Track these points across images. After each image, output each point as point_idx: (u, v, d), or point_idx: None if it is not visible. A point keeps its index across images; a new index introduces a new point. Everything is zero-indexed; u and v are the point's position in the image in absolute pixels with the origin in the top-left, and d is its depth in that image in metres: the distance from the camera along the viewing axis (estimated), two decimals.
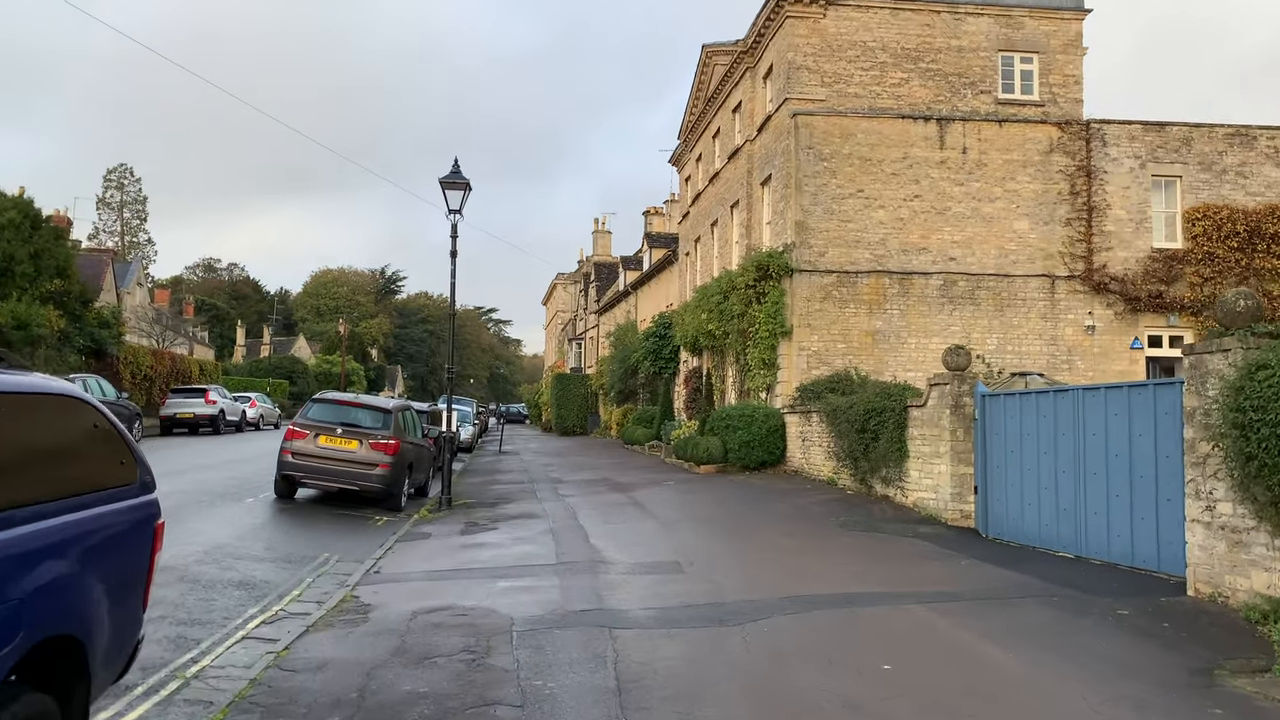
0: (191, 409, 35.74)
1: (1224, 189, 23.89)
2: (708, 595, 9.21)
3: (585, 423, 51.48)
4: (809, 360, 22.78)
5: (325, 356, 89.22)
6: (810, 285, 22.87)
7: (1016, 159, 23.63)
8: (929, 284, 23.24)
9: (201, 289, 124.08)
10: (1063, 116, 23.92)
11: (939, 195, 23.37)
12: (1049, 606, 8.94)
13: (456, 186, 17.03)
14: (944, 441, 14.62)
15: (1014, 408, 13.50)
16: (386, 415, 16.75)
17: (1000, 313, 23.38)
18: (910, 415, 15.77)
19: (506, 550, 12.22)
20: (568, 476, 23.03)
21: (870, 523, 14.22)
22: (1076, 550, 12.03)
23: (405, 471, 17.00)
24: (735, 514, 15.49)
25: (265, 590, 9.71)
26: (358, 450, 16.19)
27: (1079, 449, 12.07)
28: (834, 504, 16.16)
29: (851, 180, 23.16)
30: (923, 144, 23.43)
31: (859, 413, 16.97)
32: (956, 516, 14.33)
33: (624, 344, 42.12)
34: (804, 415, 21.05)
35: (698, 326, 27.70)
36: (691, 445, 23.44)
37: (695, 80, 32.25)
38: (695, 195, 33.58)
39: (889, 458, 16.22)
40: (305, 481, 16.42)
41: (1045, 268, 23.55)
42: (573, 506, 16.54)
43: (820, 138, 23.13)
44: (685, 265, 35.62)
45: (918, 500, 15.43)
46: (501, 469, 26.45)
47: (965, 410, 14.44)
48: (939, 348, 22.73)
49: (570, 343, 67.02)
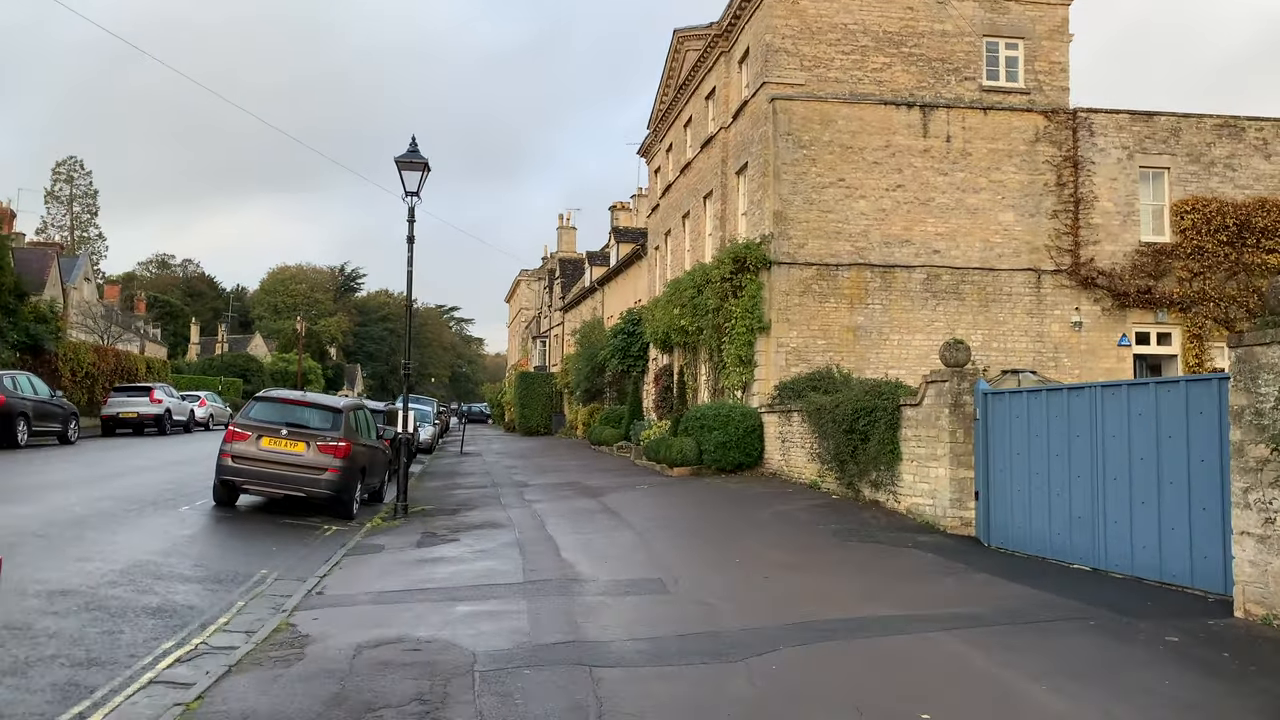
0: (135, 408, 33.95)
1: (1212, 181, 23.17)
2: (701, 622, 8.02)
3: (550, 422, 50.13)
4: (787, 357, 21.70)
5: (281, 354, 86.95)
6: (789, 278, 21.79)
7: (1002, 148, 22.73)
8: (912, 278, 22.26)
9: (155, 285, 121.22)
10: (1049, 105, 23.05)
11: (922, 185, 22.40)
12: (1088, 632, 7.86)
13: (414, 167, 15.71)
14: (942, 443, 13.57)
15: (1020, 407, 12.47)
16: (336, 415, 15.39)
17: (985, 308, 22.46)
18: (904, 415, 14.71)
19: (468, 566, 10.94)
20: (533, 480, 21.75)
21: (864, 531, 13.12)
22: (1093, 562, 11.02)
23: (357, 476, 15.64)
24: (717, 521, 14.32)
25: (186, 618, 8.36)
26: (304, 453, 14.81)
27: (1096, 452, 11.05)
28: (821, 510, 15.06)
29: (832, 169, 22.12)
30: (905, 132, 22.45)
31: (847, 412, 15.89)
32: (956, 524, 13.28)
33: (590, 341, 40.87)
34: (784, 415, 19.95)
35: (669, 322, 26.54)
36: (664, 446, 22.26)
37: (666, 67, 31.08)
38: (665, 187, 32.42)
39: (880, 460, 15.15)
40: (246, 488, 15.01)
41: (1031, 261, 22.67)
42: (540, 514, 15.29)
43: (799, 124, 22.05)
44: (654, 260, 34.45)
45: (912, 506, 14.37)
46: (463, 471, 25.10)
47: (965, 409, 13.39)
48: (922, 344, 21.82)
49: (534, 340, 65.59)
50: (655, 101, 32.77)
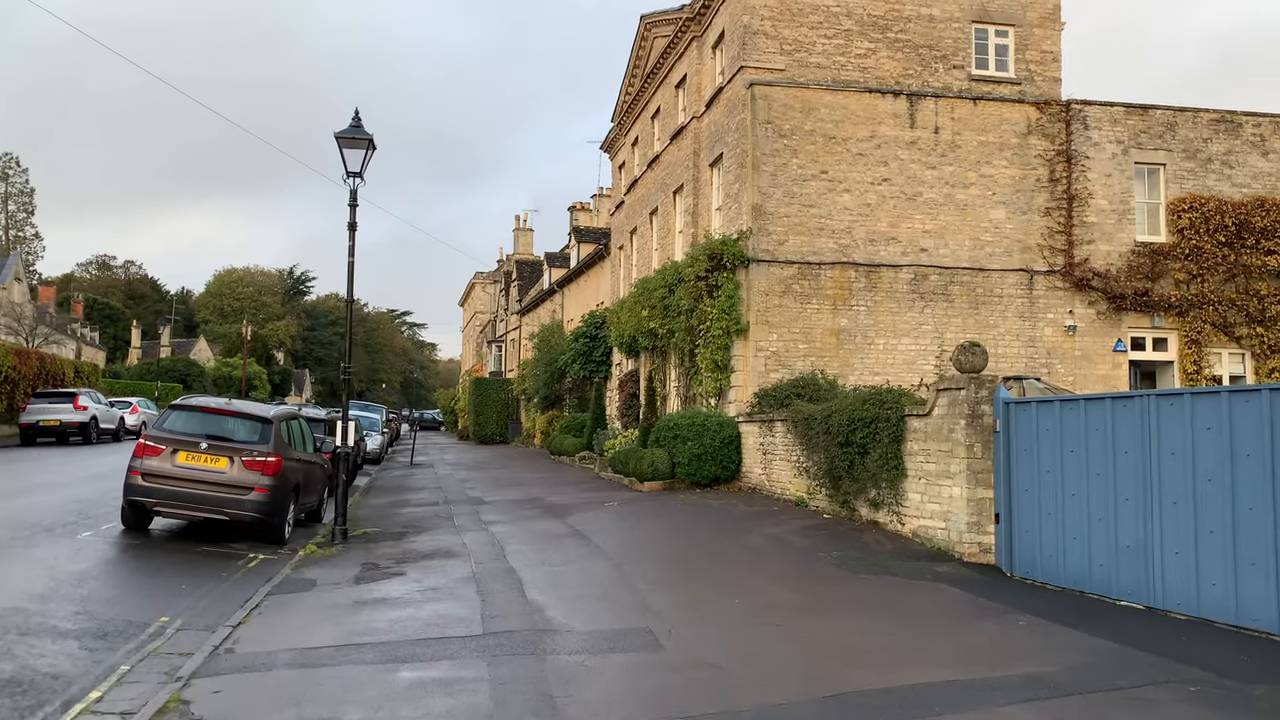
0: (58, 415, 31.50)
1: (1209, 179, 22.03)
2: (711, 696, 6.30)
3: (506, 430, 48.16)
4: (767, 362, 20.09)
5: (225, 359, 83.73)
6: (769, 277, 20.20)
7: (992, 141, 21.37)
8: (898, 278, 20.78)
9: (95, 288, 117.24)
10: (1040, 96, 21.76)
11: (909, 179, 20.95)
12: (1194, 702, 6.28)
13: (357, 144, 13.84)
14: (957, 459, 12.00)
15: (1051, 418, 10.94)
16: (265, 426, 13.44)
17: (975, 310, 21.06)
18: (909, 426, 13.14)
19: (415, 610, 9.11)
20: (490, 496, 19.89)
21: (871, 559, 11.50)
22: (1146, 599, 9.50)
23: (290, 496, 13.71)
24: (702, 547, 12.61)
25: (43, 695, 6.46)
26: (227, 470, 12.86)
27: (1150, 471, 9.53)
28: (816, 533, 13.43)
29: (814, 160, 20.58)
30: (891, 122, 21.00)
31: (842, 422, 14.29)
32: (973, 550, 11.72)
33: (549, 346, 39.02)
34: (765, 425, 18.33)
35: (637, 325, 24.84)
36: (633, 459, 20.53)
37: (632, 56, 29.41)
38: (631, 183, 30.72)
39: (880, 477, 13.57)
40: (159, 510, 13.02)
41: (1023, 261, 21.33)
42: (499, 538, 13.47)
43: (780, 111, 20.49)
44: (618, 260, 32.74)
45: (919, 529, 12.80)
46: (413, 486, 23.14)
47: (984, 421, 11.85)
48: (909, 349, 20.37)
49: (489, 345, 63.48)
50: (620, 93, 31.08)
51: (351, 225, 13.91)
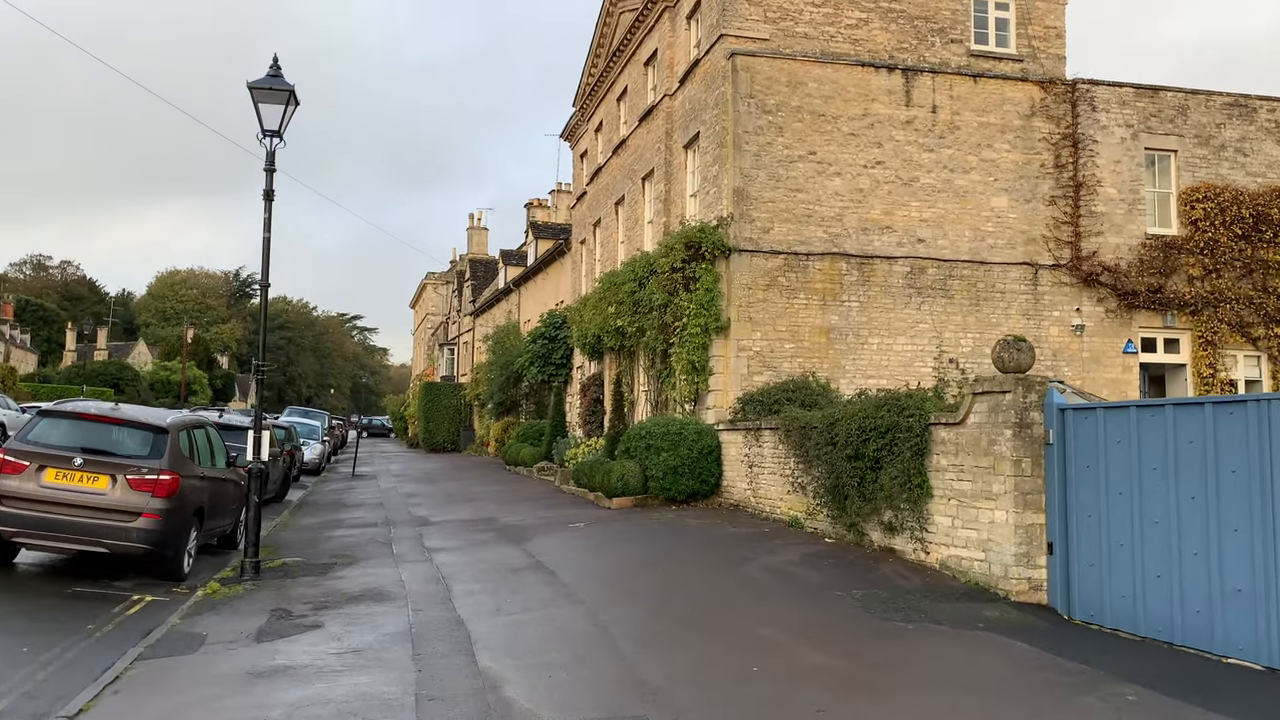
0: None
1: (1222, 167, 20.38)
2: None
3: (458, 438, 45.61)
4: (750, 363, 17.99)
5: (163, 363, 79.85)
6: (752, 269, 18.10)
7: (994, 122, 19.50)
8: (893, 270, 18.81)
9: (28, 288, 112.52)
10: (1044, 74, 19.94)
11: (905, 162, 19.00)
12: None
13: (274, 97, 11.47)
14: (1000, 476, 9.96)
15: (1124, 428, 8.93)
16: (158, 436, 11.02)
17: (976, 307, 19.15)
18: (935, 437, 11.09)
19: (327, 687, 6.80)
20: (438, 514, 17.52)
21: (901, 600, 9.40)
22: (1266, 658, 7.50)
23: (190, 521, 11.29)
24: (693, 583, 10.41)
25: None
26: (108, 491, 10.42)
27: (1270, 496, 7.55)
28: (823, 563, 11.31)
29: (801, 140, 18.55)
30: (886, 99, 19.03)
31: (850, 431, 12.19)
32: (1022, 588, 9.68)
33: (505, 348, 36.64)
34: (751, 434, 16.21)
35: (602, 323, 22.62)
36: (600, 471, 18.30)
37: (595, 35, 27.23)
38: (594, 171, 28.50)
39: (898, 496, 11.49)
40: (21, 541, 10.54)
41: (1027, 254, 19.47)
42: (445, 573, 11.16)
43: (764, 85, 18.43)
44: (580, 255, 30.49)
45: (950, 559, 10.73)
46: (351, 502, 20.66)
47: (1033, 431, 9.82)
48: (906, 349, 18.42)
49: (441, 348, 60.77)
50: (582, 75, 28.86)
51: (268, 194, 11.53)
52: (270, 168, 11.56)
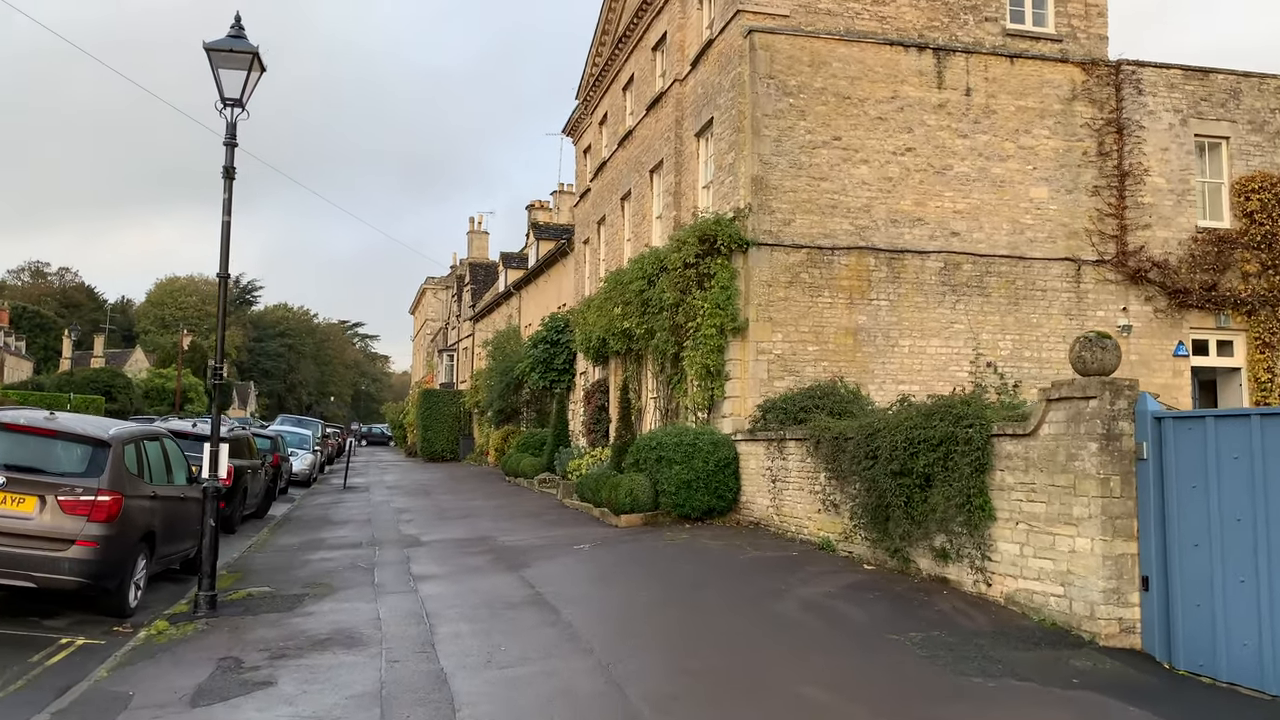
0: None
1: (1279, 156, 18.87)
2: None
3: (457, 447, 44.11)
4: (770, 367, 16.48)
5: (158, 370, 78.31)
6: (773, 264, 16.61)
7: (1032, 106, 18.01)
8: (925, 266, 17.30)
9: (26, 295, 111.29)
10: (1085, 55, 18.46)
11: (937, 149, 17.51)
12: None
13: (235, 60, 9.99)
14: (1082, 497, 8.43)
15: (1241, 440, 7.41)
16: (99, 450, 9.52)
17: (1015, 306, 17.64)
18: (999, 451, 9.56)
19: None
20: (429, 533, 15.99)
21: (970, 647, 7.86)
22: None
23: (137, 548, 9.79)
24: (720, 627, 8.85)
25: None
26: (35, 515, 8.93)
27: None
28: (867, 596, 9.77)
29: (825, 124, 17.06)
30: (916, 80, 17.55)
31: (895, 444, 10.65)
32: (1112, 630, 8.14)
33: (505, 353, 35.13)
34: (774, 444, 14.68)
35: (607, 325, 21.12)
36: (607, 485, 16.78)
37: (600, 22, 25.79)
38: (598, 166, 27.02)
39: (953, 518, 9.96)
40: None
41: (1069, 249, 17.96)
42: (430, 608, 9.63)
43: (784, 65, 16.95)
44: (583, 256, 29.00)
45: (1018, 593, 9.19)
46: (337, 518, 19.14)
47: (1123, 444, 8.30)
48: (940, 352, 16.91)
49: (440, 355, 59.28)
50: (586, 65, 27.40)
51: (228, 170, 10.03)
52: (231, 141, 10.07)
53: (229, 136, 10.05)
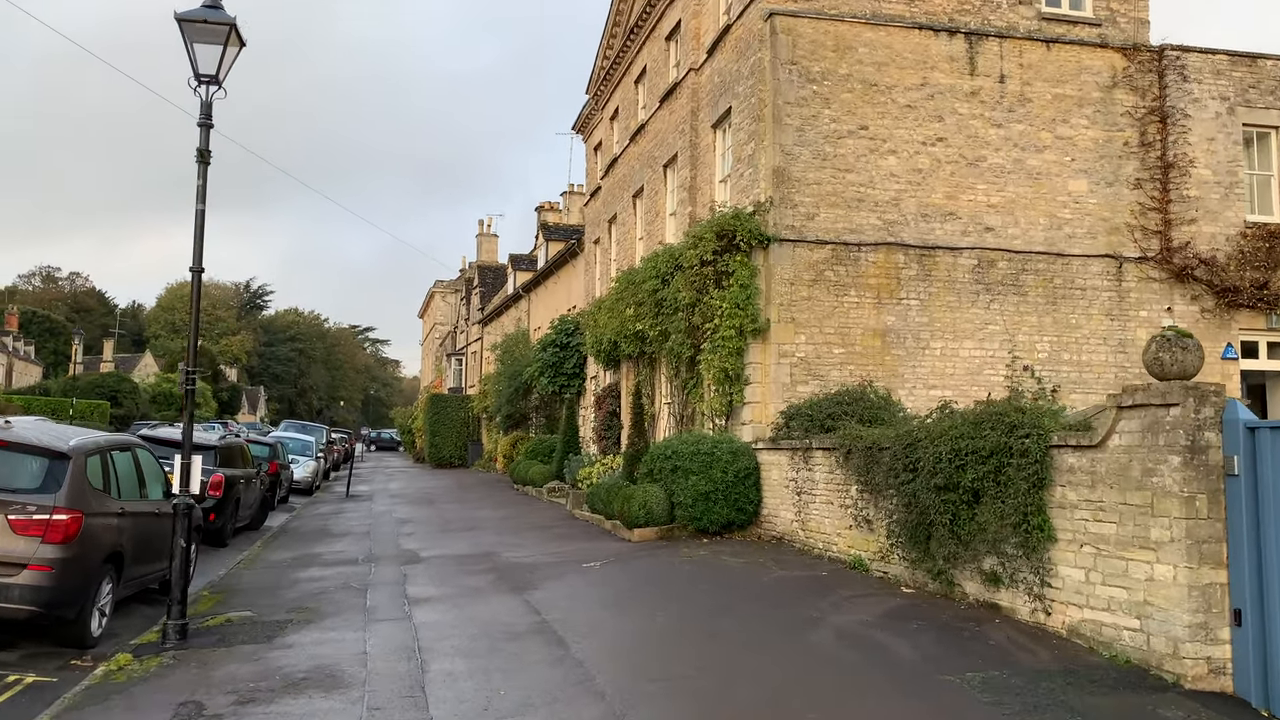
0: None
1: None
2: None
3: (465, 453, 43.19)
4: (793, 371, 15.47)
5: (166, 375, 77.59)
6: (795, 261, 15.60)
7: (1069, 94, 16.97)
8: (958, 264, 16.27)
9: (37, 300, 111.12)
10: (1125, 40, 17.41)
11: (970, 139, 16.49)
12: None
13: (210, 34, 9.05)
14: (1161, 518, 7.40)
15: None
16: (56, 463, 8.58)
17: (1053, 306, 16.58)
18: (1060, 463, 8.52)
19: None
20: (430, 548, 15.03)
21: (1037, 689, 6.84)
22: None
23: (101, 572, 8.85)
24: (750, 662, 7.83)
25: None
26: None
27: None
28: (911, 626, 8.74)
29: (851, 112, 16.05)
30: (947, 67, 16.53)
31: (939, 455, 9.62)
32: (1199, 670, 7.11)
33: (514, 357, 34.21)
34: (799, 454, 13.66)
35: (619, 327, 20.15)
36: (619, 497, 15.79)
37: (611, 13, 24.86)
38: (609, 163, 26.07)
39: (1006, 539, 8.94)
40: None
41: (1110, 245, 16.90)
42: (423, 640, 8.64)
43: (807, 49, 15.96)
44: (593, 256, 28.04)
45: (1083, 625, 8.15)
46: (336, 530, 18.19)
47: (1208, 457, 7.27)
48: (973, 355, 15.87)
49: (449, 359, 58.41)
50: (596, 60, 26.47)
51: (202, 154, 9.09)
52: (206, 121, 9.13)
53: (204, 116, 9.11)
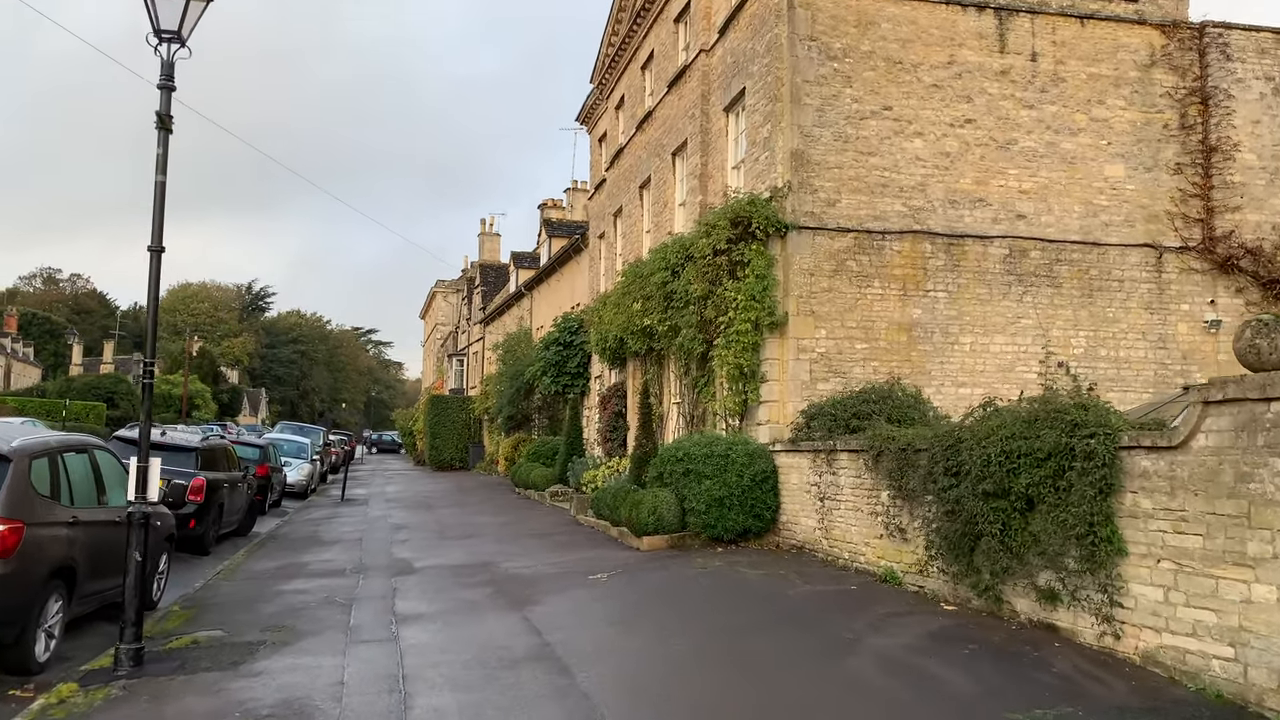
0: None
1: None
2: None
3: (466, 455, 42.22)
4: (813, 367, 14.47)
5: (165, 376, 76.74)
6: (815, 250, 14.60)
7: (1105, 74, 15.97)
8: (988, 253, 15.27)
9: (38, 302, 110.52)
10: (1163, 16, 16.40)
11: (1000, 121, 15.49)
12: None
13: None
14: (1260, 530, 6.40)
15: None
16: None
17: (1089, 299, 15.57)
18: (1131, 467, 7.50)
19: None
20: (424, 558, 14.03)
21: None
22: None
23: (47, 588, 7.86)
24: (779, 696, 6.80)
25: None
26: None
27: None
28: (961, 651, 7.73)
29: (874, 92, 15.06)
30: (976, 44, 15.53)
31: (988, 457, 8.60)
32: None
33: (516, 356, 33.22)
34: (822, 456, 12.65)
35: (626, 322, 19.15)
36: (626, 502, 14.79)
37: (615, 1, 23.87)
38: (615, 154, 25.07)
39: (1066, 552, 7.92)
40: None
41: (1149, 234, 15.89)
42: (408, 668, 7.64)
43: (827, 25, 14.97)
44: (598, 251, 27.05)
45: (1160, 650, 7.13)
46: (326, 537, 17.19)
47: None
48: (1005, 350, 14.86)
49: (450, 360, 57.44)
50: (601, 47, 25.47)
51: (162, 119, 8.10)
52: (167, 83, 8.15)
53: (164, 78, 8.13)
